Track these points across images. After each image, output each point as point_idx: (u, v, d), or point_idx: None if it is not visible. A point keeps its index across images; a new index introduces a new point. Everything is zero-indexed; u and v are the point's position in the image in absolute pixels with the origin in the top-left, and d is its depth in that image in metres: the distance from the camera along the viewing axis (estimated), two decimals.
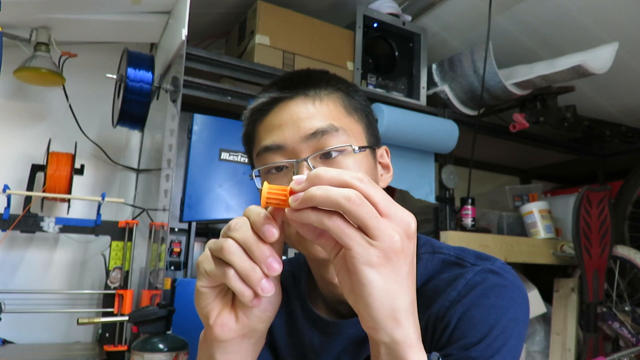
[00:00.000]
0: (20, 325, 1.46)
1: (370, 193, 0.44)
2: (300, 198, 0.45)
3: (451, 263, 0.68)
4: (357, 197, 0.43)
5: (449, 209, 1.78)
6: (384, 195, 0.45)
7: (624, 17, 1.61)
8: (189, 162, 1.34)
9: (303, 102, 0.67)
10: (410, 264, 0.46)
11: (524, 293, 0.65)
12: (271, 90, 0.70)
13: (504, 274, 0.65)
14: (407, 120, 1.59)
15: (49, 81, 1.49)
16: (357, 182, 0.44)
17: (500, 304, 0.62)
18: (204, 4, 1.59)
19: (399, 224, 0.45)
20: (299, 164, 0.64)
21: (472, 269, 0.65)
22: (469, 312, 0.61)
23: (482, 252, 0.69)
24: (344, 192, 0.43)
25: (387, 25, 1.75)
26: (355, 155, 0.66)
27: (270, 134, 0.67)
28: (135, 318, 1.03)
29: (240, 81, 1.49)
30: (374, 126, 0.74)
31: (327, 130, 0.65)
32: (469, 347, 0.59)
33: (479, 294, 0.62)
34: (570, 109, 1.86)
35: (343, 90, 0.71)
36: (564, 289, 2.00)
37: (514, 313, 0.62)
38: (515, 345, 0.61)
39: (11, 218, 1.35)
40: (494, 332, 0.59)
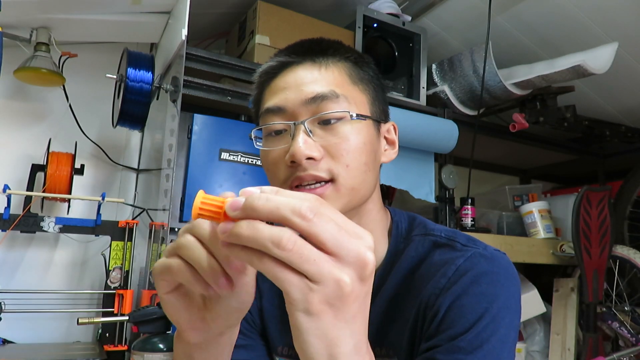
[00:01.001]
0: (20, 325, 1.46)
1: (316, 231, 0.37)
2: (229, 231, 0.38)
3: (441, 244, 0.67)
4: (289, 242, 0.36)
5: (449, 209, 1.78)
6: (335, 228, 0.38)
7: (624, 17, 1.61)
8: (189, 162, 1.34)
9: (309, 68, 0.67)
10: (360, 305, 0.40)
11: (516, 280, 0.63)
12: (281, 55, 0.70)
13: (496, 259, 0.63)
14: (407, 120, 1.59)
15: (49, 81, 1.49)
16: (298, 219, 0.37)
17: (490, 292, 0.60)
18: (204, 4, 1.59)
19: (352, 264, 0.38)
20: (296, 126, 0.63)
21: (463, 254, 0.64)
22: (458, 300, 0.60)
23: (476, 238, 0.68)
24: (273, 236, 0.36)
25: (387, 25, 1.75)
26: (354, 123, 0.64)
27: (273, 97, 0.67)
28: (135, 318, 1.03)
29: (240, 81, 1.49)
30: (381, 99, 0.73)
31: (327, 95, 0.64)
32: (456, 336, 0.58)
33: (468, 281, 0.61)
34: (570, 109, 1.86)
35: (352, 60, 0.70)
36: (563, 288, 2.00)
37: (504, 301, 0.60)
38: (505, 334, 0.59)
39: (11, 218, 1.35)
40: (483, 320, 0.58)
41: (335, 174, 0.63)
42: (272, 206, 0.37)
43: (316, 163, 0.62)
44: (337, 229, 0.38)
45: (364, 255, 0.38)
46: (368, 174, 0.66)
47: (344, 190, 0.64)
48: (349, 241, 0.38)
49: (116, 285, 1.42)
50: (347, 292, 0.38)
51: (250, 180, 1.40)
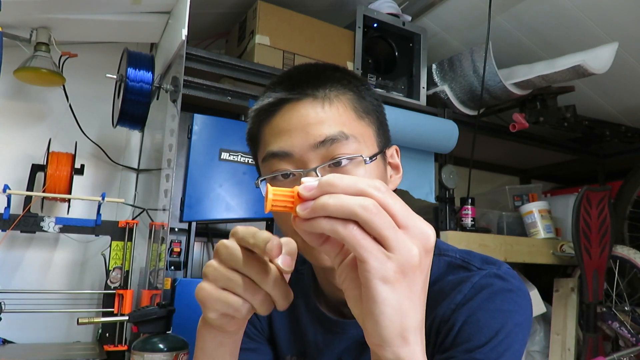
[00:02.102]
0: (20, 325, 1.46)
1: (389, 203, 0.41)
2: (311, 207, 0.41)
3: (457, 266, 0.68)
4: (374, 206, 0.40)
5: (449, 209, 1.78)
6: (403, 205, 0.42)
7: (624, 17, 1.61)
8: (189, 162, 1.34)
9: (312, 105, 0.64)
10: (425, 279, 0.43)
11: (528, 298, 0.65)
12: (278, 90, 0.66)
13: (510, 278, 0.65)
14: (407, 120, 1.59)
15: (49, 81, 1.49)
16: (375, 190, 0.41)
17: (506, 308, 0.61)
18: (204, 4, 1.59)
19: (418, 236, 0.42)
20: (307, 174, 0.61)
21: (479, 273, 0.65)
22: (474, 315, 0.61)
23: (489, 256, 0.69)
24: (361, 201, 0.40)
25: (387, 25, 1.75)
26: (367, 165, 0.63)
27: (277, 139, 0.64)
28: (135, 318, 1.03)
29: (240, 81, 1.49)
30: (384, 126, 0.71)
31: (337, 138, 0.62)
32: (473, 349, 0.59)
33: (485, 297, 0.62)
34: (570, 109, 1.86)
35: (354, 90, 0.67)
36: (563, 288, 2.00)
37: (519, 318, 0.62)
38: (518, 349, 0.61)
39: (11, 218, 1.35)
40: (500, 335, 0.59)
41: None
42: (350, 182, 0.41)
43: None
44: (404, 205, 0.42)
45: (427, 229, 0.42)
46: None
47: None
48: (414, 216, 0.42)
49: (116, 285, 1.42)
50: (417, 262, 0.41)
51: (251, 180, 1.40)
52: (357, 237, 0.40)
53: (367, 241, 0.40)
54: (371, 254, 0.40)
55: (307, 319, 0.76)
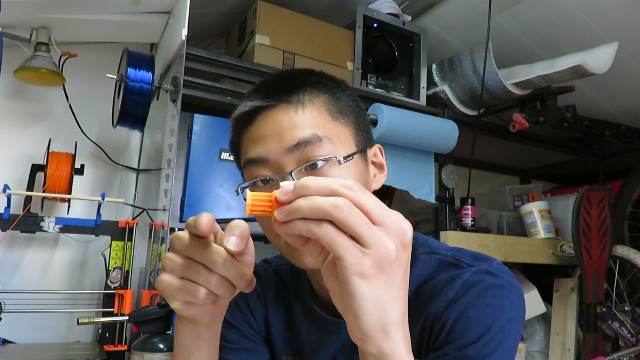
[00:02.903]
0: (20, 325, 1.46)
1: (362, 201, 0.42)
2: (286, 210, 0.43)
3: (448, 264, 0.68)
4: (346, 205, 0.41)
5: (449, 209, 1.78)
6: (377, 202, 0.43)
7: (624, 17, 1.61)
8: (189, 162, 1.34)
9: (285, 110, 0.65)
10: (404, 274, 0.44)
11: (520, 293, 0.65)
12: (254, 98, 0.68)
13: (501, 274, 0.65)
14: (407, 120, 1.59)
15: (49, 81, 1.49)
16: (346, 190, 0.42)
17: (497, 304, 0.62)
18: (204, 4, 1.59)
19: (394, 231, 0.43)
20: (283, 178, 0.62)
21: (469, 270, 0.65)
22: (465, 312, 0.61)
23: (480, 253, 0.69)
24: (332, 200, 0.41)
25: (387, 25, 1.75)
26: (342, 165, 0.63)
27: (254, 146, 0.66)
28: (135, 318, 1.03)
29: (240, 81, 1.49)
30: (364, 126, 0.71)
31: (310, 140, 0.62)
32: (465, 346, 0.59)
33: (476, 294, 0.62)
34: (570, 109, 1.86)
35: (328, 92, 0.68)
36: (563, 288, 2.00)
37: (511, 313, 0.62)
38: (512, 345, 0.61)
39: (11, 218, 1.35)
40: (491, 331, 0.60)
41: None
42: (322, 183, 0.42)
43: None
44: (378, 202, 0.43)
45: (403, 224, 0.44)
46: None
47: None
48: (389, 212, 0.43)
49: (116, 285, 1.42)
50: (393, 257, 0.42)
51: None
52: (331, 235, 0.41)
53: (342, 238, 0.42)
54: (346, 251, 0.41)
55: (302, 319, 0.77)
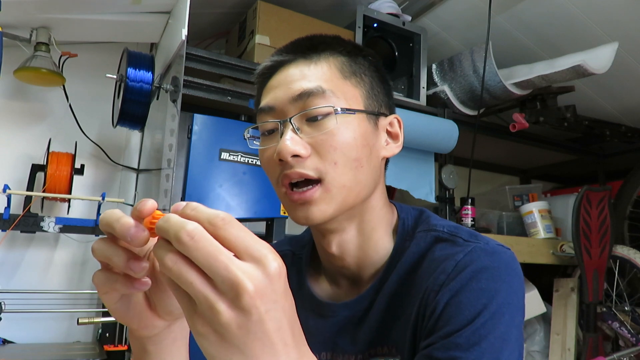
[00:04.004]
0: (20, 325, 1.46)
1: (191, 255, 0.36)
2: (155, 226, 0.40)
3: (443, 239, 0.65)
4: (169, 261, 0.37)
5: (449, 209, 1.78)
6: (213, 253, 0.36)
7: (624, 17, 1.61)
8: (189, 162, 1.34)
9: (300, 65, 0.66)
10: (251, 333, 0.37)
11: (518, 276, 0.61)
12: (275, 55, 0.69)
13: (497, 254, 0.61)
14: (407, 120, 1.58)
15: (49, 81, 1.49)
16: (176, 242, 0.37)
17: (490, 287, 0.58)
18: (204, 4, 1.59)
19: (225, 292, 0.36)
20: (283, 124, 0.63)
21: (463, 249, 0.62)
22: (456, 296, 0.58)
23: (478, 232, 0.66)
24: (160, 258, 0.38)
25: (387, 25, 1.74)
26: (341, 118, 0.62)
27: (266, 96, 0.67)
28: None
29: (240, 81, 1.49)
30: (381, 92, 0.70)
31: (313, 91, 0.62)
32: (453, 333, 0.56)
33: (467, 277, 0.59)
34: (570, 109, 1.86)
35: (346, 54, 0.68)
36: (563, 288, 2.00)
37: (505, 297, 0.58)
38: (505, 331, 0.57)
39: (11, 218, 1.35)
40: (482, 317, 0.56)
41: (323, 173, 0.62)
42: (165, 227, 0.37)
43: (303, 160, 0.62)
44: (214, 253, 0.36)
45: (238, 283, 0.36)
46: (361, 170, 0.64)
47: (334, 190, 0.62)
48: (225, 267, 0.36)
49: None
50: (224, 320, 0.36)
51: (250, 180, 1.40)
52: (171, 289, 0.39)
53: (178, 292, 0.38)
54: (182, 305, 0.39)
55: (298, 303, 0.76)
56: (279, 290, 0.38)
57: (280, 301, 0.38)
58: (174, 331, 0.53)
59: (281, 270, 0.38)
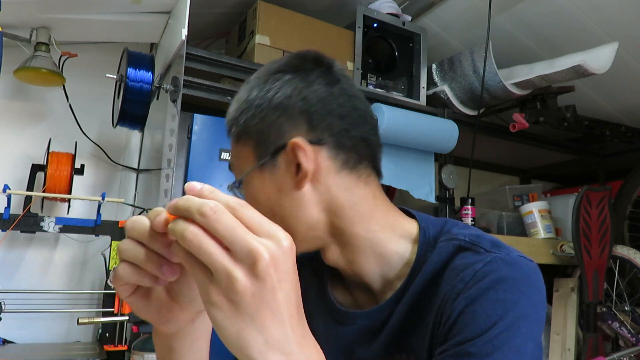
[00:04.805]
0: (20, 325, 1.46)
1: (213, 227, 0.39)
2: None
3: (464, 248, 0.64)
4: (189, 234, 0.39)
5: (449, 209, 1.78)
6: (234, 225, 0.39)
7: (624, 17, 1.61)
8: (189, 162, 1.34)
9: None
10: (263, 301, 0.40)
11: (539, 289, 0.60)
12: None
13: (518, 265, 0.60)
14: (407, 120, 1.59)
15: (49, 81, 1.49)
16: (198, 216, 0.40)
17: (508, 298, 0.57)
18: (204, 4, 1.59)
19: (243, 260, 0.39)
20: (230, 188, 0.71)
21: (483, 259, 0.60)
22: (472, 305, 0.57)
23: (501, 241, 0.65)
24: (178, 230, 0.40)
25: (387, 25, 1.75)
26: (243, 187, 0.68)
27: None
28: (135, 318, 1.03)
29: (240, 81, 1.49)
30: (267, 135, 0.66)
31: (231, 165, 0.73)
32: (466, 341, 0.56)
33: (485, 286, 0.58)
34: (570, 109, 1.86)
35: (233, 122, 0.72)
36: (563, 288, 2.00)
37: (523, 309, 0.57)
38: (521, 344, 0.55)
39: (11, 218, 1.35)
40: (497, 327, 0.55)
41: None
42: (186, 205, 0.40)
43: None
44: (234, 226, 0.39)
45: (255, 251, 0.39)
46: (277, 219, 0.56)
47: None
48: (243, 237, 0.39)
49: None
50: (241, 287, 0.39)
51: None
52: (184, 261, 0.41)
53: (192, 265, 0.41)
54: (196, 278, 0.41)
55: (317, 307, 0.76)
56: (290, 264, 0.41)
57: (291, 275, 0.41)
58: (198, 328, 0.54)
59: (292, 246, 0.41)
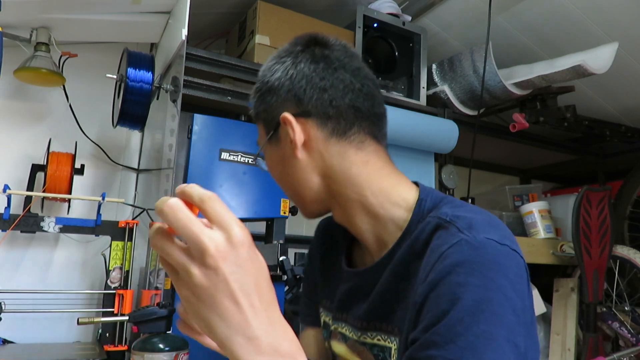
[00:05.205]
0: (20, 325, 1.46)
1: (171, 225, 0.43)
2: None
3: (442, 227, 0.63)
4: (153, 237, 0.45)
5: None
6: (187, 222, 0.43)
7: (624, 17, 1.61)
8: (189, 162, 1.34)
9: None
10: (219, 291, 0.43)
11: (506, 273, 0.56)
12: None
13: (484, 248, 0.57)
14: (407, 120, 1.59)
15: (49, 81, 1.49)
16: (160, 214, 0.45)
17: (468, 282, 0.54)
18: (204, 4, 1.59)
19: (196, 254, 0.43)
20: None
21: (450, 241, 0.59)
22: (434, 289, 0.56)
23: (483, 221, 0.62)
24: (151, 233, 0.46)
25: (387, 25, 1.74)
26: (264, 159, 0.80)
27: None
28: (135, 318, 1.03)
29: (240, 81, 1.49)
30: (266, 114, 0.76)
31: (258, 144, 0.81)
32: (428, 329, 0.55)
33: (446, 270, 0.56)
34: (570, 109, 1.86)
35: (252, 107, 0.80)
36: (563, 288, 2.00)
37: (485, 293, 0.54)
38: (487, 330, 0.52)
39: (11, 218, 1.35)
40: (457, 312, 0.53)
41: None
42: (158, 204, 0.44)
43: None
44: (187, 222, 0.43)
45: (203, 245, 0.42)
46: (287, 186, 0.78)
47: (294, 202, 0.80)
48: (193, 232, 0.42)
49: (116, 285, 1.42)
50: (197, 280, 0.43)
51: (250, 180, 1.40)
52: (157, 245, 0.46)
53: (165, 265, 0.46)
54: (170, 275, 0.46)
55: (337, 266, 0.84)
56: (242, 256, 0.44)
57: (245, 266, 0.44)
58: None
59: (244, 239, 0.44)
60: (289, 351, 0.45)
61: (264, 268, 0.46)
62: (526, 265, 0.61)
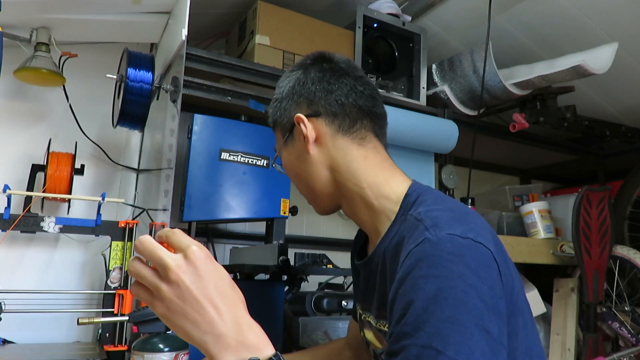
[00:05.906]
0: (20, 325, 1.46)
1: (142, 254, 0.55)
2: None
3: (414, 227, 0.67)
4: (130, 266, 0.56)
5: None
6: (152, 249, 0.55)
7: (624, 17, 1.61)
8: (189, 162, 1.34)
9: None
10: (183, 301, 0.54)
11: (466, 262, 0.59)
12: None
13: (442, 243, 0.61)
14: (407, 120, 1.59)
15: (49, 81, 1.49)
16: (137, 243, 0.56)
17: (429, 273, 0.59)
18: (204, 4, 1.59)
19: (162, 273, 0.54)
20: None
21: (416, 240, 0.64)
22: (401, 286, 0.61)
23: (448, 218, 0.66)
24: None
25: (387, 26, 1.75)
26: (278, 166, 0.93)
27: None
28: (135, 318, 1.03)
29: (240, 81, 1.49)
30: (282, 118, 0.87)
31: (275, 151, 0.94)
32: (399, 321, 0.58)
33: (410, 266, 0.61)
34: (570, 109, 1.86)
35: (270, 116, 0.92)
36: (563, 289, 2.00)
37: (445, 281, 0.57)
38: (452, 316, 0.55)
39: (11, 218, 1.35)
40: (421, 301, 0.57)
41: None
42: (135, 242, 0.57)
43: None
44: (153, 249, 0.55)
45: (165, 264, 0.54)
46: (302, 182, 0.88)
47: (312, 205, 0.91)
48: (158, 255, 0.54)
49: (116, 285, 1.41)
50: (165, 294, 0.54)
51: (250, 180, 1.40)
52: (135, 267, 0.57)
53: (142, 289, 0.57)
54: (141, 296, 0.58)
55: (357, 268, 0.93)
56: (201, 269, 0.54)
57: (204, 276, 0.54)
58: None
59: (199, 254, 0.55)
60: (255, 343, 0.53)
61: (223, 275, 0.56)
62: (498, 255, 0.64)
